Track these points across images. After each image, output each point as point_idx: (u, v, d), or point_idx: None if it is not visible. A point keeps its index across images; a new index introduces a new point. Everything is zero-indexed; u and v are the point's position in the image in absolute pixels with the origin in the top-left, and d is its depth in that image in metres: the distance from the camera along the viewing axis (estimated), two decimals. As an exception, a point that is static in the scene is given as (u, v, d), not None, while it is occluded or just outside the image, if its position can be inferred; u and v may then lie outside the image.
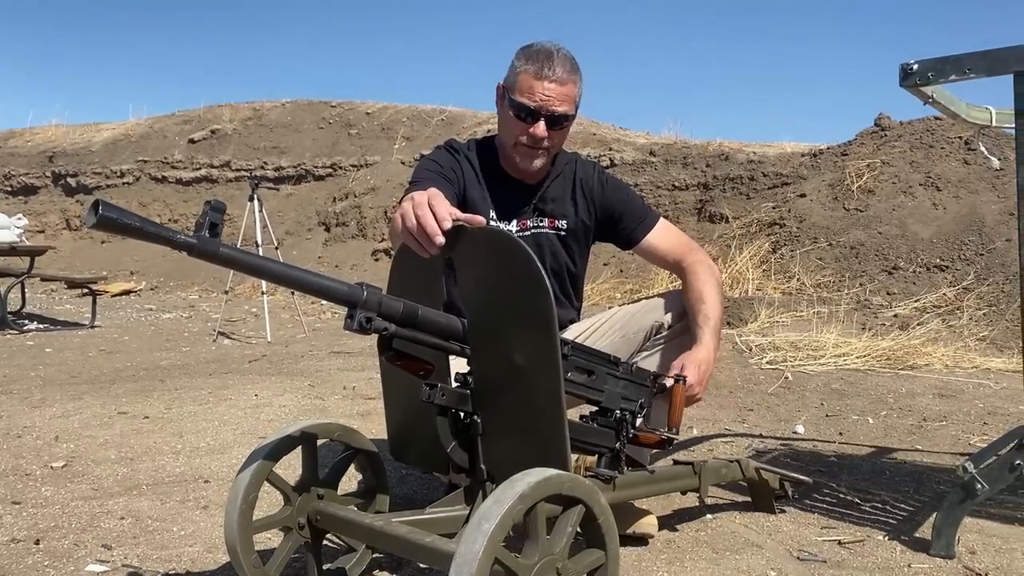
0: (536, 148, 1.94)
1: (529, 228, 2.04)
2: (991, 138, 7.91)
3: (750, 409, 3.65)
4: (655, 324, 2.00)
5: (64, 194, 13.66)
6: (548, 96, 1.88)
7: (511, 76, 1.93)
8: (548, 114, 1.90)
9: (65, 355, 5.25)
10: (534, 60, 1.90)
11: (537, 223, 2.05)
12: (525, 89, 1.89)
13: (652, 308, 2.04)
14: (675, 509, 2.18)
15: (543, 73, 1.88)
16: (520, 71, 1.91)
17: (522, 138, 1.93)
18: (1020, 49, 1.76)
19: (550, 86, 1.88)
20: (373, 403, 3.52)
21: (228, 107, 14.09)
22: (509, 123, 1.95)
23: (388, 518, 1.48)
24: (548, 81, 1.88)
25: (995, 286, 6.46)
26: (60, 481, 2.36)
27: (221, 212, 1.17)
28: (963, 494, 1.86)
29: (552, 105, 1.89)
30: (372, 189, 11.85)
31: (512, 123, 1.93)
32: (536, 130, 1.91)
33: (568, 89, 1.90)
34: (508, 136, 1.97)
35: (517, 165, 1.99)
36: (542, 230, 2.05)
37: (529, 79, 1.89)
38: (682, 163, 10.08)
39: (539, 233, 2.04)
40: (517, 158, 1.97)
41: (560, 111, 1.91)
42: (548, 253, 2.04)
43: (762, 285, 7.39)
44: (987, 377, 4.47)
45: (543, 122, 1.90)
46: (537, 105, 1.88)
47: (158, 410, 3.32)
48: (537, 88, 1.88)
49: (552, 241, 2.06)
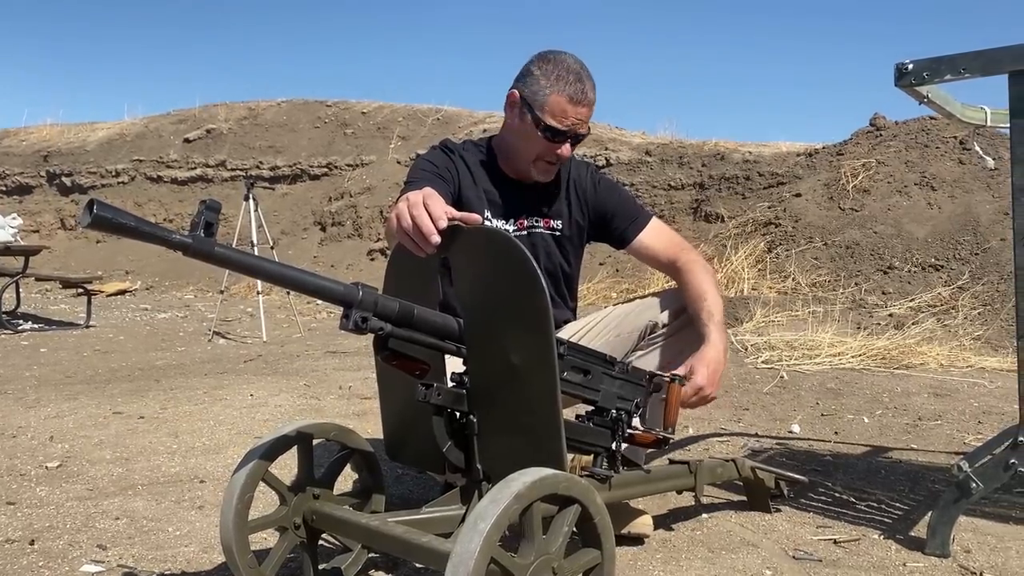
0: (556, 164, 1.98)
1: (525, 227, 2.05)
2: (986, 138, 7.94)
3: (746, 408, 3.66)
4: (650, 323, 2.01)
5: (59, 193, 13.62)
6: (580, 119, 1.90)
7: (539, 94, 1.89)
8: (574, 137, 1.93)
9: (60, 355, 5.23)
10: (566, 82, 1.87)
11: (533, 223, 2.05)
12: (558, 113, 1.88)
13: (647, 307, 2.05)
14: (671, 508, 2.19)
15: (577, 99, 1.88)
16: (551, 92, 1.88)
17: (547, 157, 1.95)
18: (1015, 49, 1.76)
19: (583, 111, 1.89)
20: (369, 403, 3.52)
21: (223, 106, 14.07)
22: (532, 139, 1.93)
23: (384, 518, 1.48)
24: (582, 107, 1.89)
25: (990, 285, 6.48)
26: (55, 481, 2.35)
27: (216, 211, 1.17)
28: (958, 493, 1.87)
29: (580, 130, 1.92)
30: (368, 189, 11.84)
31: (537, 141, 1.92)
32: (563, 151, 1.93)
33: (591, 110, 1.92)
34: (527, 150, 1.96)
35: (533, 177, 2.00)
36: (537, 230, 2.06)
37: (563, 103, 1.87)
38: (678, 163, 10.09)
39: (534, 233, 2.05)
40: (534, 172, 1.98)
41: (584, 132, 1.94)
42: (543, 253, 2.05)
43: (758, 284, 7.40)
44: (982, 376, 4.48)
45: (569, 143, 1.93)
46: (566, 129, 1.90)
47: (153, 410, 3.31)
48: (571, 113, 1.88)
49: (547, 241, 2.07)
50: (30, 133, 15.06)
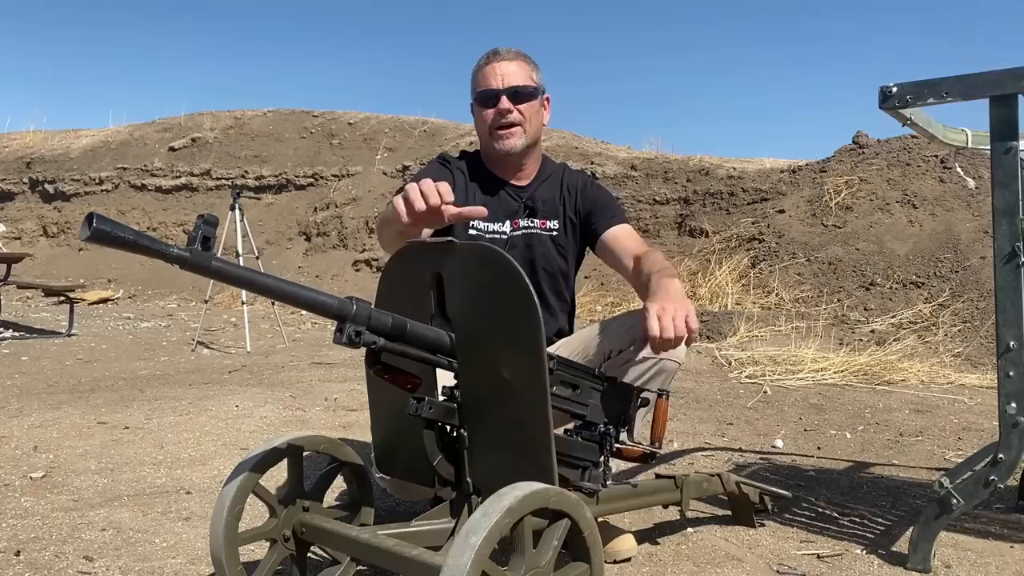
0: (509, 126, 2.04)
1: (521, 228, 2.10)
2: (966, 157, 8.05)
3: (730, 423, 3.68)
4: (608, 350, 1.96)
5: (41, 201, 13.51)
6: (502, 74, 2.02)
7: (472, 83, 2.10)
8: (507, 89, 2.02)
9: (42, 363, 5.20)
10: (484, 57, 2.08)
11: (529, 223, 2.10)
12: (481, 81, 2.05)
13: (608, 333, 2.00)
14: (656, 523, 2.20)
15: (491, 60, 2.05)
16: (475, 71, 2.08)
17: (493, 122, 2.04)
18: (995, 74, 1.80)
19: (500, 65, 2.03)
20: (355, 415, 3.52)
21: (209, 115, 14.03)
22: (480, 119, 2.08)
23: (374, 530, 1.48)
24: (497, 63, 2.04)
25: (970, 303, 6.56)
26: (40, 492, 2.34)
27: (214, 226, 1.18)
28: (939, 509, 1.89)
29: (508, 82, 2.02)
30: (353, 199, 11.84)
31: (482, 117, 2.07)
32: (500, 105, 2.02)
33: (519, 65, 2.04)
34: (483, 131, 2.08)
35: (499, 153, 2.06)
36: (533, 230, 2.10)
37: (482, 71, 2.06)
38: (663, 177, 10.16)
39: (531, 233, 2.10)
40: (496, 145, 2.06)
41: (517, 83, 2.03)
42: (540, 254, 2.09)
43: (741, 300, 7.45)
44: (962, 393, 4.53)
45: (504, 96, 2.02)
46: (495, 87, 2.02)
47: (138, 420, 3.30)
48: (489, 72, 2.03)
49: (544, 242, 2.11)
50: (13, 139, 14.95)
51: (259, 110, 13.99)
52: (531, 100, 2.05)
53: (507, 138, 2.04)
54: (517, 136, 2.05)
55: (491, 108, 2.04)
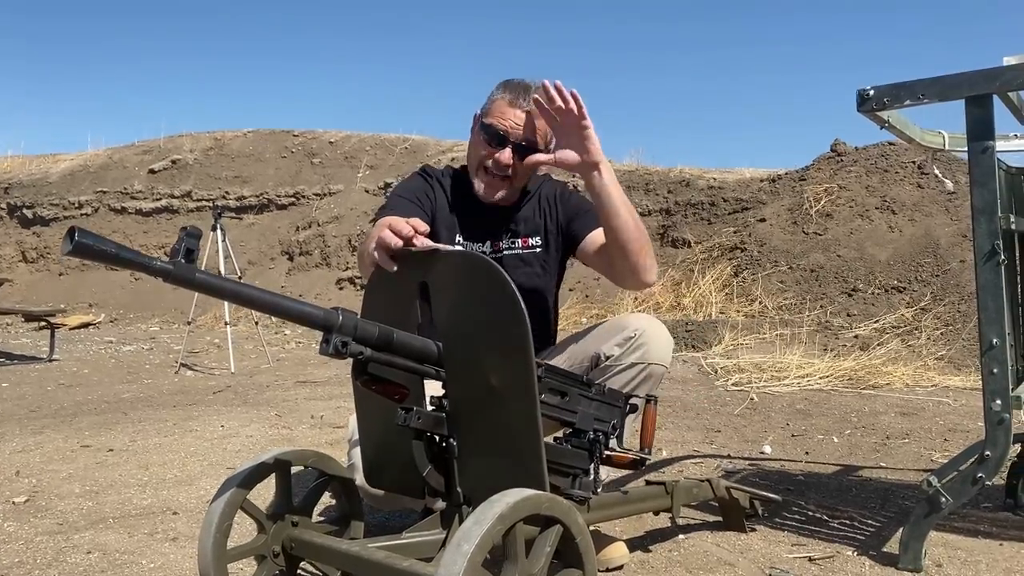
0: (499, 176, 1.96)
1: (502, 250, 2.04)
2: (943, 162, 8.14)
3: (717, 430, 3.69)
4: (595, 355, 1.96)
5: (20, 226, 13.39)
6: (518, 124, 1.90)
7: (487, 103, 1.96)
8: (516, 142, 1.91)
9: (23, 389, 5.13)
10: (512, 90, 1.93)
11: (510, 244, 2.05)
12: (496, 112, 1.92)
13: (594, 338, 2.00)
14: (647, 530, 2.20)
15: (517, 102, 1.90)
16: (496, 98, 1.94)
17: (487, 162, 1.95)
18: (970, 75, 1.83)
19: (522, 115, 1.90)
20: (342, 432, 3.50)
21: (189, 137, 13.98)
22: (477, 146, 1.97)
23: (365, 543, 1.47)
24: (521, 110, 1.90)
25: (951, 306, 6.61)
26: (23, 516, 2.31)
27: (197, 238, 1.17)
28: (928, 508, 1.90)
29: (522, 134, 1.91)
30: (336, 218, 11.82)
31: (480, 146, 1.96)
32: (501, 156, 1.92)
33: (541, 123, 1.89)
34: (474, 159, 1.99)
35: (480, 191, 1.98)
36: (515, 251, 2.05)
37: (503, 105, 1.92)
38: (644, 189, 10.21)
39: (512, 255, 2.05)
40: (477, 182, 1.98)
41: (529, 138, 1.91)
42: (521, 274, 2.03)
43: (725, 308, 7.49)
44: (946, 395, 4.56)
45: (510, 149, 1.92)
46: (505, 130, 1.90)
47: (122, 442, 3.26)
48: (508, 114, 1.90)
49: (527, 261, 2.06)
50: (-10, 165, 14.84)
51: (239, 131, 13.95)
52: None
53: (489, 187, 1.97)
54: (500, 188, 1.98)
55: (488, 145, 1.93)
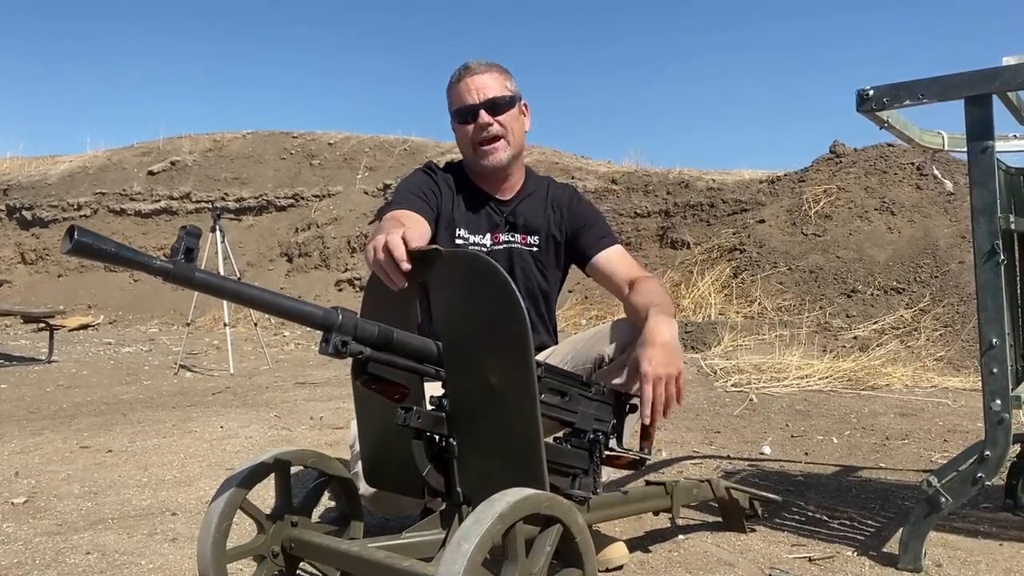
0: (492, 140, 2.02)
1: (502, 242, 2.07)
2: (942, 163, 8.15)
3: (717, 431, 3.69)
4: (598, 357, 1.96)
5: (19, 227, 13.38)
6: (476, 88, 1.99)
7: (448, 101, 2.07)
8: (484, 103, 1.99)
9: (22, 390, 5.13)
10: (454, 75, 2.05)
11: (510, 237, 2.08)
12: (456, 98, 2.03)
13: (598, 339, 2.00)
14: (647, 531, 2.19)
15: (464, 75, 2.02)
16: (449, 88, 2.06)
17: (475, 137, 2.01)
18: (970, 75, 1.83)
19: (474, 79, 2.00)
20: (341, 433, 3.50)
21: (188, 138, 13.98)
22: (461, 136, 2.05)
23: (364, 543, 1.47)
24: (470, 77, 2.01)
25: (950, 307, 6.62)
26: (22, 517, 2.31)
27: (197, 237, 1.17)
28: (928, 508, 1.90)
29: (484, 95, 1.99)
30: (335, 219, 11.82)
31: (462, 133, 2.04)
32: (480, 119, 1.99)
33: (492, 76, 2.01)
34: (466, 148, 2.05)
35: (486, 169, 2.04)
36: (514, 245, 2.07)
37: (456, 88, 2.03)
38: (643, 191, 10.21)
39: (512, 248, 2.07)
40: (483, 161, 2.03)
41: (494, 95, 2.00)
42: (520, 270, 2.06)
43: (724, 309, 7.49)
44: (945, 396, 4.56)
45: (483, 110, 1.99)
46: (472, 102, 1.99)
47: (121, 443, 3.26)
48: (464, 88, 2.01)
49: (524, 258, 2.08)
50: (-11, 167, 14.84)
51: (238, 132, 13.96)
52: (509, 110, 2.02)
53: (492, 153, 2.01)
54: (502, 149, 2.02)
55: (471, 124, 2.00)
